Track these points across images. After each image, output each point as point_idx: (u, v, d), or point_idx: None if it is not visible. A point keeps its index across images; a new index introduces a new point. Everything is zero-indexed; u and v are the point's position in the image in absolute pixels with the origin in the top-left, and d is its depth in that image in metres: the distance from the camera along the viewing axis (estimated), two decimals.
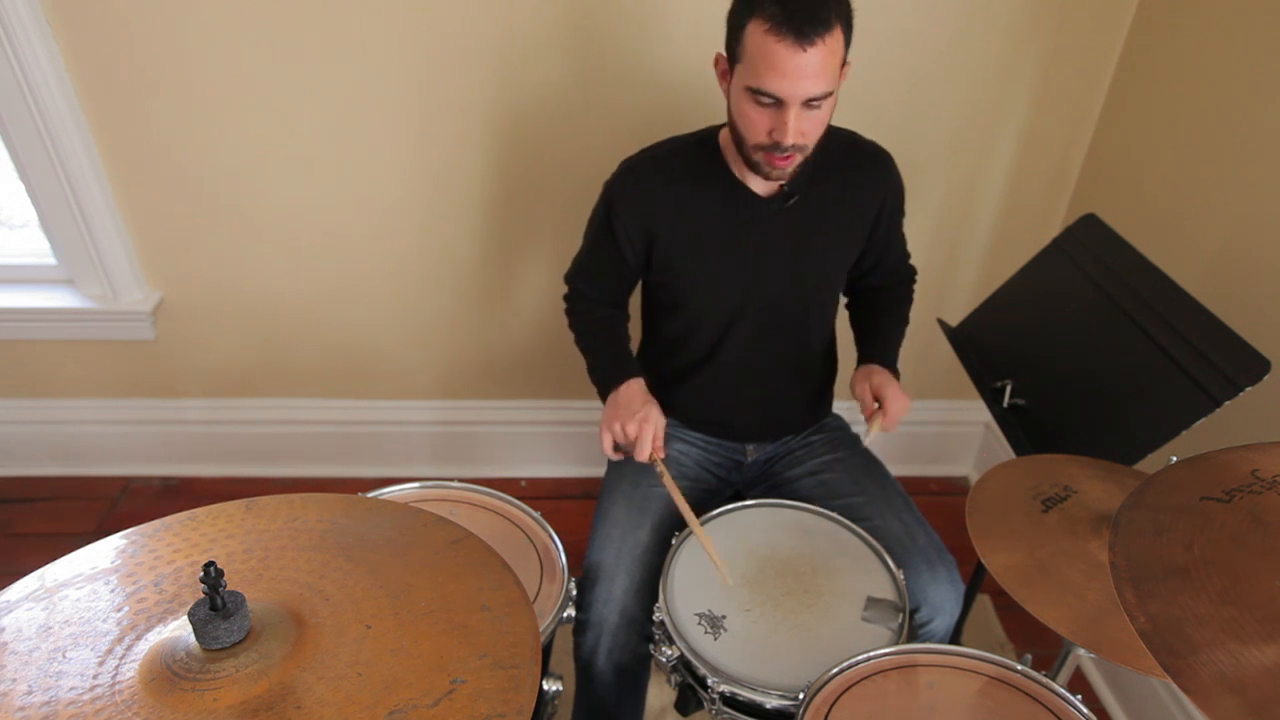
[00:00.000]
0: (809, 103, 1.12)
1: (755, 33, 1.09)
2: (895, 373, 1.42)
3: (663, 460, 1.33)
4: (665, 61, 1.71)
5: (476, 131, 1.78)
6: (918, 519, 1.37)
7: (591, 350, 1.46)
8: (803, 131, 1.15)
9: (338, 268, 1.96)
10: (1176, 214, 1.59)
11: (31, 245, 2.01)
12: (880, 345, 1.46)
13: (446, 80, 1.71)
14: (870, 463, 1.47)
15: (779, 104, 1.12)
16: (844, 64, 1.16)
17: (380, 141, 1.78)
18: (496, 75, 1.71)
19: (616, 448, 1.36)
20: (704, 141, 1.33)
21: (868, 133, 1.38)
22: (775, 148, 1.16)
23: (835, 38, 1.09)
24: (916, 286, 1.56)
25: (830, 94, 1.13)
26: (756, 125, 1.16)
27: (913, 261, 1.55)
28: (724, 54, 1.19)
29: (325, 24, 1.64)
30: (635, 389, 1.37)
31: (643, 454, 1.32)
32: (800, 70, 1.08)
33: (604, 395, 1.40)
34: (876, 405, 1.36)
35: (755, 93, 1.12)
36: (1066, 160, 1.89)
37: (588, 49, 1.69)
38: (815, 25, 1.06)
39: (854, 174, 1.34)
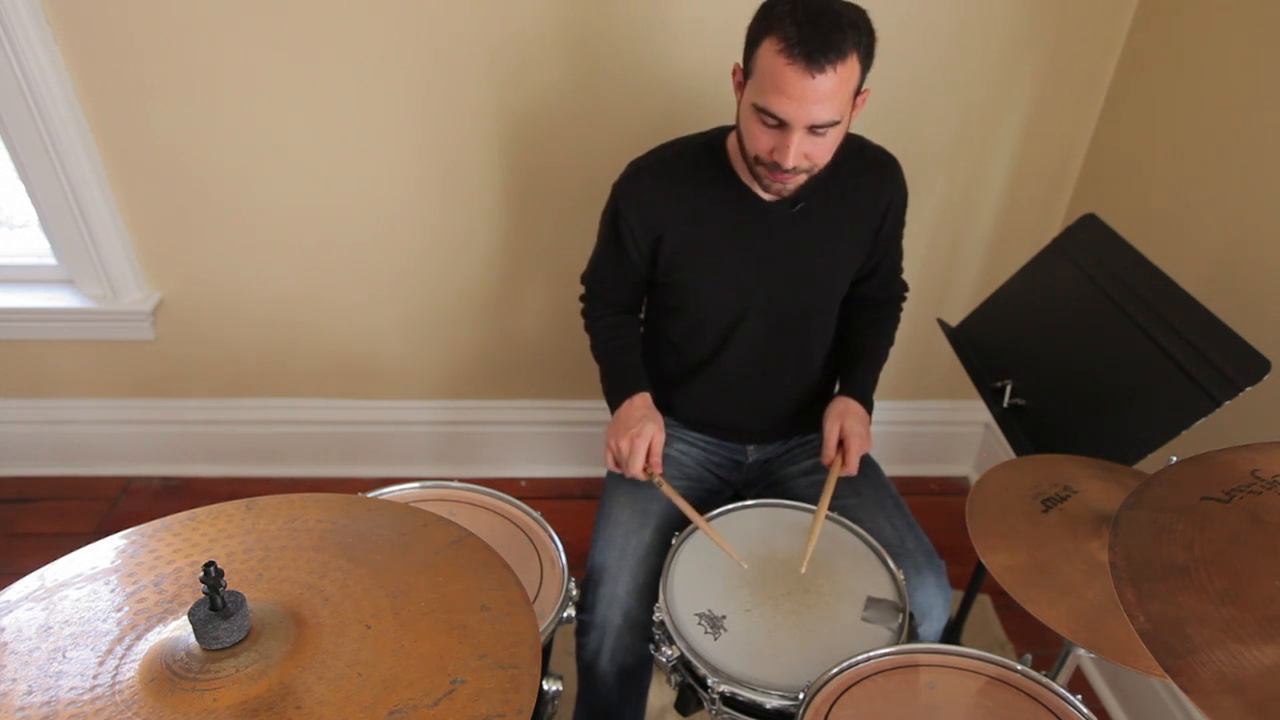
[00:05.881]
0: (814, 129, 1.11)
1: (768, 52, 1.08)
2: (869, 405, 1.43)
3: (660, 475, 1.33)
4: (671, 64, 1.71)
5: (480, 133, 1.78)
6: (909, 522, 1.37)
7: (602, 361, 1.48)
8: (806, 154, 1.14)
9: (338, 269, 1.96)
10: (1176, 214, 1.59)
11: (31, 245, 2.01)
12: (860, 376, 1.46)
13: (450, 80, 1.71)
14: (865, 464, 1.46)
15: (783, 126, 1.11)
16: (860, 92, 1.15)
17: (382, 142, 1.78)
18: (501, 76, 1.71)
19: (618, 463, 1.37)
20: (711, 144, 1.33)
21: (868, 133, 1.38)
22: (776, 166, 1.16)
23: (849, 67, 1.07)
24: (917, 286, 1.56)
25: (837, 123, 1.12)
26: (760, 141, 1.16)
27: (912, 262, 1.55)
28: (741, 65, 1.18)
29: (328, 24, 1.64)
30: (637, 404, 1.38)
31: (633, 469, 1.33)
32: (807, 95, 1.07)
33: (612, 410, 1.42)
34: (839, 448, 1.38)
35: (761, 111, 1.12)
36: (1066, 160, 1.89)
37: (593, 51, 1.69)
38: (828, 52, 1.04)
39: (860, 180, 1.34)
